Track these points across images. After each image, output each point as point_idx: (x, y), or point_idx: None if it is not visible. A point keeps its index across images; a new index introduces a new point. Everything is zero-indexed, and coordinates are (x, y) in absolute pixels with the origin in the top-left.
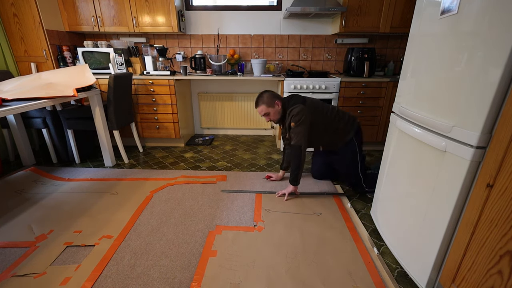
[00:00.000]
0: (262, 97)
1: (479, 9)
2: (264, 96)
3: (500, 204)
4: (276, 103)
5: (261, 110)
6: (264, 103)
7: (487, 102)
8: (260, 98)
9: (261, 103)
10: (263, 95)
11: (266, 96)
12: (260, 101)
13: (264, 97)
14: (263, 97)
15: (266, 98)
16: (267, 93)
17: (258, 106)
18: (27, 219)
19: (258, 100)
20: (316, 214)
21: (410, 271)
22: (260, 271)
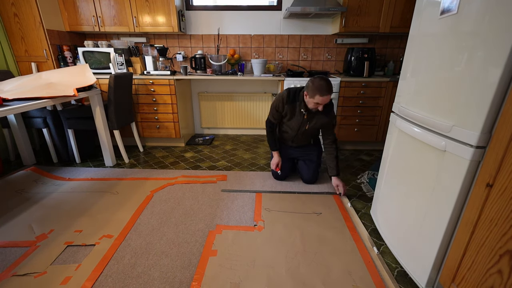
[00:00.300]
0: (330, 84)
1: (479, 9)
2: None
3: (499, 204)
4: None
5: (328, 98)
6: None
7: (487, 102)
8: (330, 84)
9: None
10: (330, 82)
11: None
12: (330, 88)
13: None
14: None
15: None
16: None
17: (329, 92)
18: (28, 219)
19: (330, 87)
20: (316, 213)
21: (410, 271)
22: (260, 271)
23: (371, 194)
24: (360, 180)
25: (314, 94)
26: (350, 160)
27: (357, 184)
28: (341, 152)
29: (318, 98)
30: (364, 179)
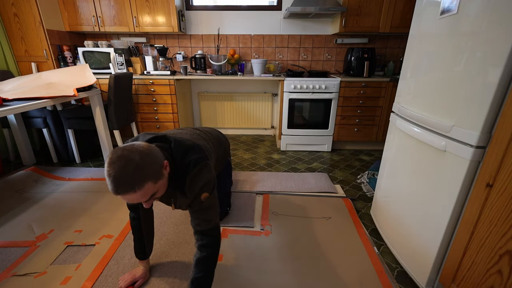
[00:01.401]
0: (140, 170)
1: (479, 9)
2: (142, 166)
3: (499, 204)
4: (164, 166)
5: (144, 194)
6: (149, 178)
7: (487, 102)
8: (134, 174)
9: (141, 182)
10: (142, 167)
11: (147, 164)
12: (137, 179)
13: (145, 167)
14: (143, 168)
15: (150, 168)
16: (142, 154)
17: (137, 189)
18: (28, 219)
19: (131, 179)
20: (325, 218)
21: (410, 271)
22: (267, 277)
23: (371, 194)
24: (360, 180)
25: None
26: (350, 160)
27: (357, 184)
28: (341, 152)
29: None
30: (364, 179)
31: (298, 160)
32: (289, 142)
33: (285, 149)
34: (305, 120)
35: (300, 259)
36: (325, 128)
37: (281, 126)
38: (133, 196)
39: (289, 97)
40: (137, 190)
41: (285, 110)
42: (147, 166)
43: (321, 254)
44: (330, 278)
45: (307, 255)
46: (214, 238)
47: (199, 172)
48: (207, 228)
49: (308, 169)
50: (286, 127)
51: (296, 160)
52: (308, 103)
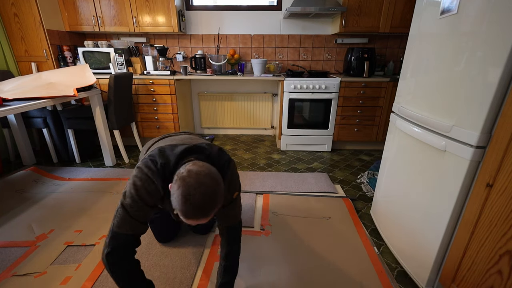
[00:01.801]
0: (216, 198)
1: (479, 9)
2: (218, 194)
3: (499, 204)
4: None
5: (210, 217)
6: (220, 203)
7: (487, 102)
8: (211, 203)
9: (214, 209)
10: (218, 195)
11: (221, 192)
12: (213, 207)
13: (219, 195)
14: (218, 196)
15: (221, 195)
16: (217, 181)
17: (210, 215)
18: (28, 219)
19: (209, 208)
20: (325, 218)
21: (410, 271)
22: (267, 277)
23: (371, 194)
24: (360, 180)
25: (176, 208)
26: (350, 160)
27: (357, 184)
28: (341, 152)
29: (182, 218)
30: (364, 179)
31: (298, 160)
32: (289, 142)
33: (285, 149)
34: (305, 120)
35: (300, 259)
36: (325, 128)
37: (281, 126)
38: (201, 221)
39: (289, 97)
40: (209, 216)
41: (285, 110)
42: (220, 194)
43: (321, 254)
44: (330, 278)
45: (307, 255)
46: (239, 232)
47: (231, 173)
48: (235, 222)
49: (308, 169)
50: (286, 127)
51: (296, 160)
52: (308, 103)
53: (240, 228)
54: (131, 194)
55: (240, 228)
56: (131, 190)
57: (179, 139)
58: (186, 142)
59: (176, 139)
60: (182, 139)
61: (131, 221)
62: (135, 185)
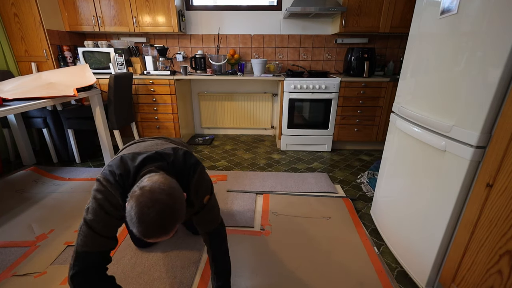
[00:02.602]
0: (175, 214)
1: (478, 9)
2: (176, 210)
3: (499, 204)
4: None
5: (172, 233)
6: (181, 219)
7: (487, 102)
8: (171, 220)
9: (174, 225)
10: (176, 211)
11: (179, 207)
12: (172, 224)
13: (178, 211)
14: (177, 212)
15: (181, 210)
16: (173, 196)
17: (170, 232)
18: (28, 219)
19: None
20: (325, 218)
21: (410, 271)
22: (267, 278)
23: (371, 194)
24: (360, 180)
25: (133, 229)
26: (350, 160)
27: (357, 184)
28: (341, 152)
29: (142, 238)
30: (364, 179)
31: (298, 160)
32: (289, 142)
33: (285, 149)
34: (305, 120)
35: (300, 259)
36: (325, 128)
37: (281, 126)
38: (163, 239)
39: (289, 97)
40: (171, 233)
41: (285, 110)
42: (179, 208)
43: (321, 254)
44: (330, 278)
45: (307, 255)
46: (222, 234)
47: (199, 177)
48: (214, 228)
49: (308, 169)
50: (286, 127)
51: (296, 160)
52: (308, 103)
53: (223, 229)
54: (94, 209)
55: (222, 229)
56: (93, 204)
57: (145, 146)
58: (149, 149)
59: (142, 146)
60: (148, 145)
61: (96, 238)
62: (96, 199)
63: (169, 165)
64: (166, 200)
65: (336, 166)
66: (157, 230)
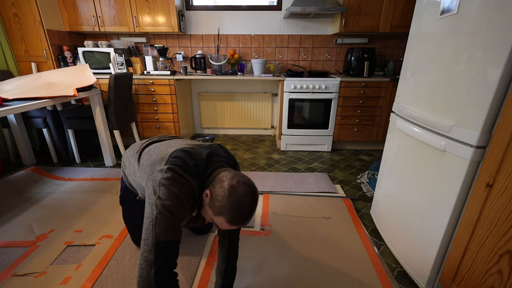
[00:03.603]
0: (257, 206)
1: (479, 9)
2: (257, 201)
3: (499, 204)
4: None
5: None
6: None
7: (487, 102)
8: (254, 209)
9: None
10: (258, 200)
11: (258, 199)
12: (254, 212)
13: (258, 199)
14: (257, 204)
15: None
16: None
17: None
18: (28, 219)
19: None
20: (325, 218)
21: (410, 271)
22: (267, 278)
23: (371, 194)
24: (360, 180)
25: (222, 215)
26: (350, 160)
27: (357, 184)
28: (341, 152)
29: (225, 224)
30: (364, 179)
31: (298, 160)
32: (289, 142)
33: (285, 149)
34: (305, 120)
35: (300, 259)
36: (325, 128)
37: (281, 126)
38: (243, 226)
39: (289, 97)
40: (248, 222)
41: (285, 110)
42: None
43: (321, 254)
44: (330, 278)
45: (307, 255)
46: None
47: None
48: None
49: (308, 169)
50: (286, 127)
51: (296, 160)
52: (308, 103)
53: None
54: (173, 195)
55: (240, 229)
56: (172, 190)
57: (181, 143)
58: (196, 144)
59: (177, 142)
60: (184, 143)
61: (177, 225)
62: (175, 185)
63: (226, 159)
64: (256, 194)
65: (336, 166)
66: (246, 219)
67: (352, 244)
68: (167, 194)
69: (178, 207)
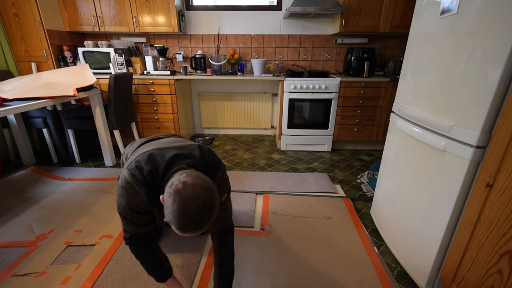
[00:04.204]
0: (213, 211)
1: (478, 9)
2: (214, 207)
3: (499, 204)
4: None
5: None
6: (215, 214)
7: (487, 102)
8: (208, 216)
9: (210, 221)
10: (214, 208)
11: (216, 203)
12: (209, 220)
13: (215, 207)
14: (214, 209)
15: (217, 206)
16: (212, 193)
17: (205, 227)
18: (28, 219)
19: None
20: (325, 218)
21: (410, 271)
22: (267, 277)
23: (371, 194)
24: (360, 180)
25: (172, 222)
26: (350, 160)
27: (357, 184)
28: (341, 152)
29: (177, 231)
30: (364, 179)
31: (298, 160)
32: (289, 142)
33: (285, 149)
34: (305, 120)
35: (300, 259)
36: (325, 128)
37: (281, 126)
38: (197, 233)
39: (289, 97)
40: (205, 228)
41: (285, 110)
42: (216, 205)
43: (321, 254)
44: (330, 278)
45: (307, 255)
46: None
47: (221, 175)
48: (227, 226)
49: (308, 169)
50: (286, 127)
51: (296, 160)
52: (308, 103)
53: (233, 231)
54: (121, 204)
55: (233, 229)
56: (120, 200)
57: (166, 142)
58: (174, 145)
59: (163, 142)
60: (169, 142)
61: (131, 225)
62: (121, 195)
63: (197, 161)
64: (206, 196)
65: (336, 166)
66: (196, 225)
67: (352, 244)
68: (119, 202)
69: (127, 214)
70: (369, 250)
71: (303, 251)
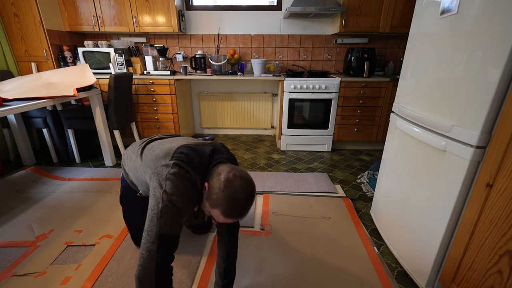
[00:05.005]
0: (253, 200)
1: (478, 9)
2: (254, 196)
3: (499, 204)
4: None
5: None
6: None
7: (487, 102)
8: (251, 203)
9: (250, 208)
10: (254, 198)
11: (255, 193)
12: (250, 207)
13: (254, 197)
14: (254, 199)
15: (255, 196)
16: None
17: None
18: (28, 219)
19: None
20: (325, 218)
21: (410, 271)
22: (267, 277)
23: (371, 194)
24: (360, 180)
25: (218, 207)
26: (350, 160)
27: (357, 184)
28: (341, 152)
29: (220, 217)
30: (364, 179)
31: (298, 160)
32: (289, 142)
33: (285, 149)
34: (305, 120)
35: (300, 259)
36: (325, 128)
37: (281, 126)
38: (238, 219)
39: (289, 97)
40: (245, 216)
41: (285, 110)
42: (255, 197)
43: (321, 254)
44: (330, 278)
45: (307, 255)
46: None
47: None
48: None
49: (308, 169)
50: (286, 127)
51: (296, 160)
52: (308, 103)
53: (239, 226)
54: (179, 189)
55: (239, 228)
56: (177, 184)
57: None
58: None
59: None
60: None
61: (180, 219)
62: (180, 180)
63: (229, 157)
64: (252, 187)
65: (336, 166)
66: (243, 211)
67: (352, 244)
68: (173, 189)
69: (183, 201)
70: (369, 250)
71: (303, 251)
